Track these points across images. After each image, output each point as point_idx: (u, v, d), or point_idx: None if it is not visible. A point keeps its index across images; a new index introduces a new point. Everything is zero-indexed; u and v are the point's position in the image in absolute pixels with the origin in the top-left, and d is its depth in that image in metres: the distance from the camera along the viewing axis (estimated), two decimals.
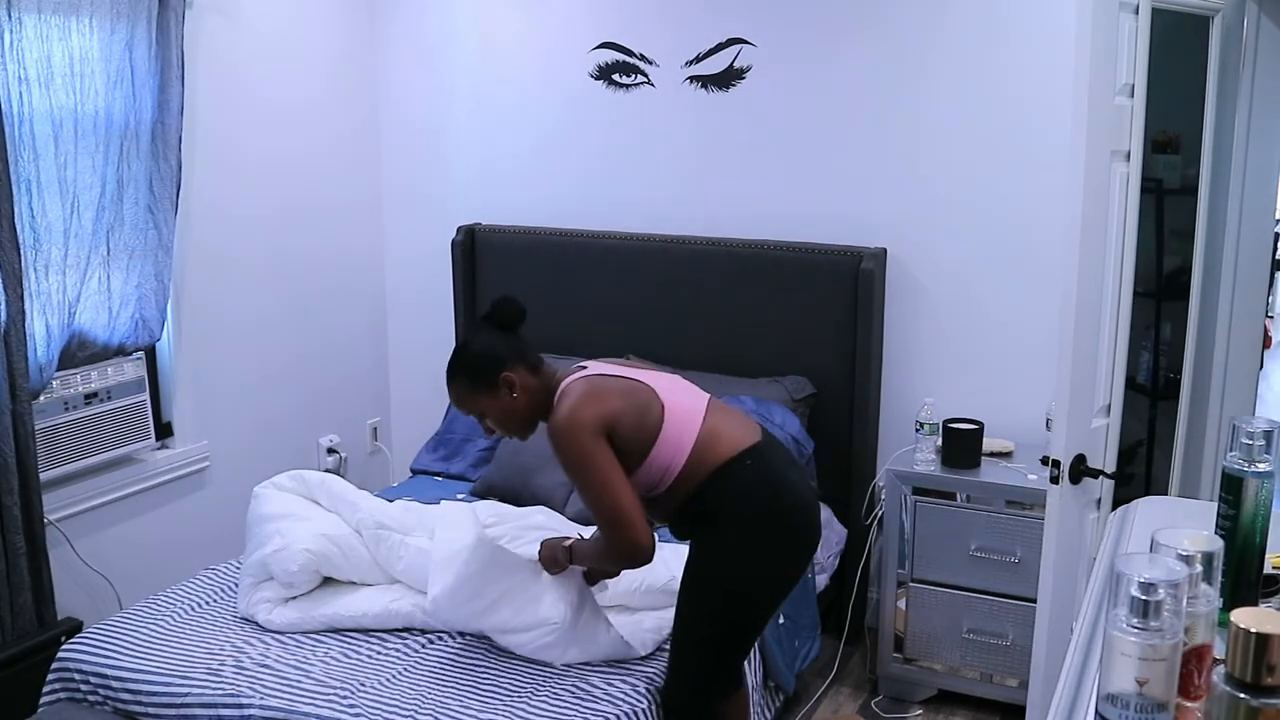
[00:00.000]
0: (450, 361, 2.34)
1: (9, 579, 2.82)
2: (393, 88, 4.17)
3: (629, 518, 2.17)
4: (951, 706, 3.28)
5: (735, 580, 2.31)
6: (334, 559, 2.73)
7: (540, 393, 2.31)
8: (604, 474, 2.18)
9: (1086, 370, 2.41)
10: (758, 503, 2.28)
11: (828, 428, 3.53)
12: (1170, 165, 3.50)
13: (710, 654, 2.36)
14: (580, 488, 2.22)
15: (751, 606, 2.35)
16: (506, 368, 2.28)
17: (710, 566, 2.31)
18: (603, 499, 2.18)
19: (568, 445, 2.19)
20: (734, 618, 2.35)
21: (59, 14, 2.85)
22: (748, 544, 2.28)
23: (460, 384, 2.32)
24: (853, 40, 3.48)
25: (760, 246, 3.60)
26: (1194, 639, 1.08)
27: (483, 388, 2.29)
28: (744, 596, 2.33)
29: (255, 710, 2.31)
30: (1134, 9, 2.40)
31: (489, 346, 2.31)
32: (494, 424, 2.34)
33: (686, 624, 2.35)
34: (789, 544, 2.35)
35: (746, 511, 2.28)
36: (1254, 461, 1.34)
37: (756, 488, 2.28)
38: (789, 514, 2.32)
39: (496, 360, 2.29)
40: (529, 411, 2.32)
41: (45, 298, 2.92)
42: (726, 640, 2.37)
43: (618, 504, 2.17)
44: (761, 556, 2.30)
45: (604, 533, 2.23)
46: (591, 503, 2.21)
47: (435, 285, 4.18)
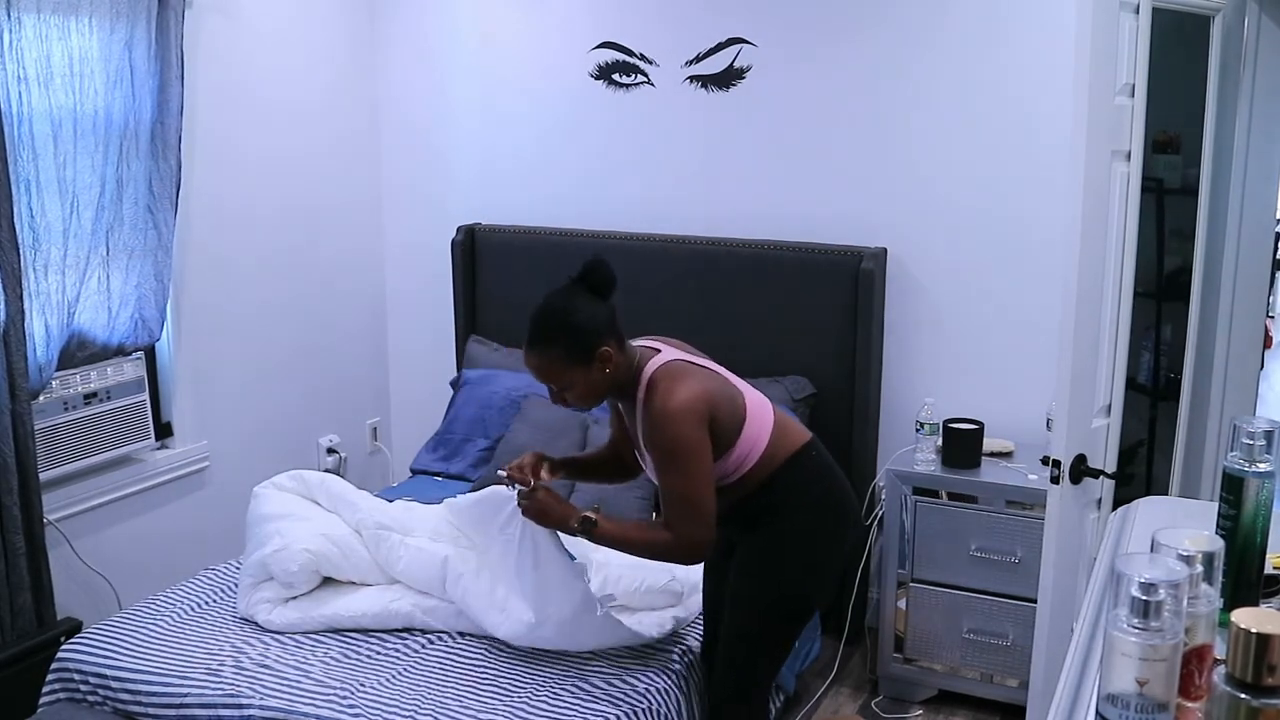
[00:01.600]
0: (543, 327, 2.17)
1: (9, 579, 2.82)
2: (393, 87, 4.17)
3: (707, 514, 2.15)
4: (951, 707, 3.28)
5: (800, 570, 2.32)
6: (334, 559, 2.73)
7: (624, 368, 2.22)
8: (701, 465, 2.14)
9: (1087, 370, 2.41)
10: (822, 492, 2.32)
11: (828, 428, 3.51)
12: (1170, 165, 3.49)
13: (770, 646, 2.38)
14: (668, 472, 2.15)
15: (810, 595, 2.37)
16: (604, 341, 2.17)
17: (777, 557, 2.30)
18: (690, 490, 2.14)
19: (675, 430, 2.12)
20: (795, 607, 2.36)
21: (58, 14, 2.85)
22: (813, 533, 2.30)
23: (554, 353, 2.16)
24: (853, 40, 3.48)
25: (760, 246, 3.60)
26: (1194, 639, 1.08)
27: (578, 360, 2.16)
28: (807, 585, 2.35)
29: (255, 710, 2.31)
30: (1134, 9, 2.40)
31: (591, 317, 2.17)
32: (574, 397, 2.21)
33: (750, 616, 2.34)
34: (846, 532, 2.38)
35: (813, 501, 2.30)
36: (1255, 461, 1.34)
37: (821, 478, 2.33)
38: (847, 503, 2.38)
39: (598, 333, 2.16)
40: (611, 387, 2.23)
41: (45, 298, 2.92)
42: (786, 632, 2.39)
43: (703, 498, 2.14)
44: (823, 544, 2.33)
45: (675, 524, 2.16)
46: (676, 491, 2.15)
47: (435, 285, 4.18)
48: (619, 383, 2.24)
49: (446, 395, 3.93)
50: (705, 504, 2.15)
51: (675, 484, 2.16)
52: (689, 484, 2.14)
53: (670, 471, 2.16)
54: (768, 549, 2.31)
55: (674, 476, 2.15)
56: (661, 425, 2.14)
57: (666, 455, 2.15)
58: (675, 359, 2.26)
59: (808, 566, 2.34)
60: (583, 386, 2.20)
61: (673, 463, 2.15)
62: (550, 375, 2.20)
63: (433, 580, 2.68)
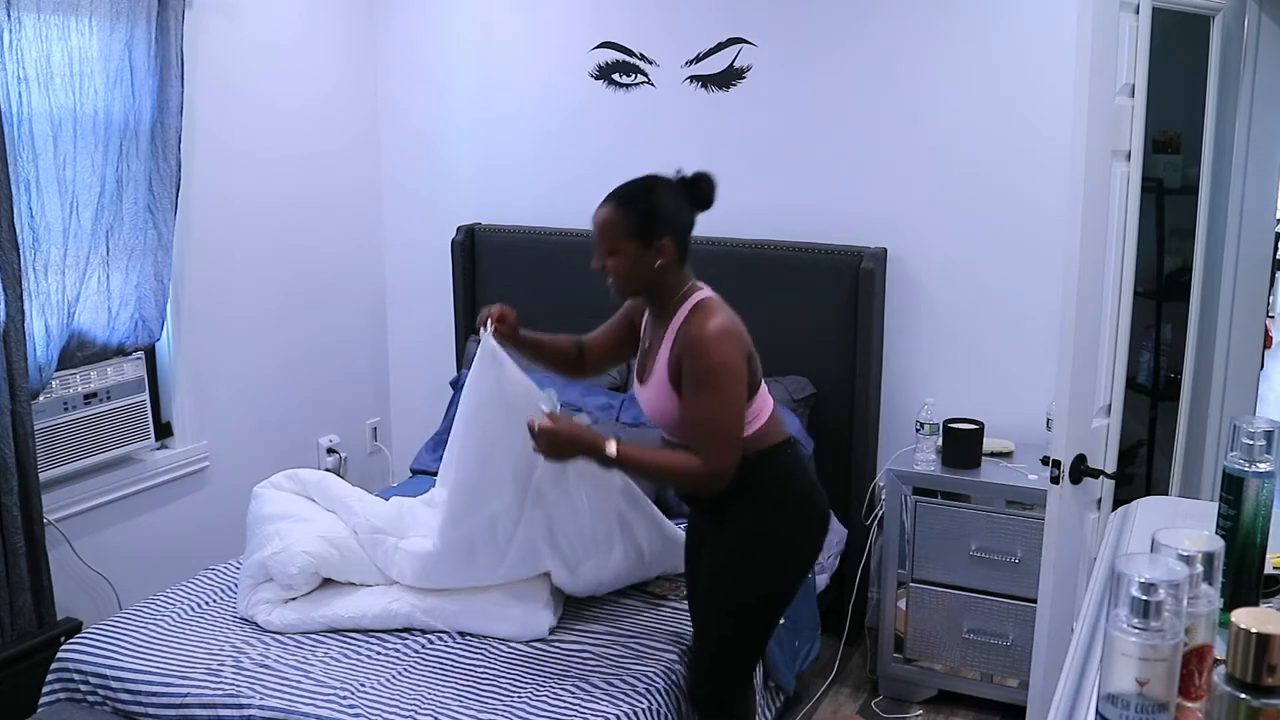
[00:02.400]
0: (628, 191, 2.23)
1: (9, 579, 2.82)
2: (393, 87, 4.17)
3: (734, 439, 2.15)
4: (952, 707, 3.28)
5: (769, 569, 2.31)
6: (333, 561, 2.73)
7: (670, 280, 2.25)
8: (738, 391, 2.15)
9: (1087, 370, 2.41)
10: (795, 488, 2.32)
11: (828, 428, 3.52)
12: (1170, 165, 3.49)
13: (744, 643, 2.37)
14: (704, 395, 2.14)
15: (782, 592, 2.36)
16: (667, 236, 2.21)
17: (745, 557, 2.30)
18: (722, 412, 2.13)
19: (718, 351, 2.13)
20: (767, 605, 2.36)
21: (58, 14, 2.85)
22: (781, 531, 2.29)
23: (626, 217, 2.20)
24: (853, 40, 3.48)
25: (760, 246, 3.60)
26: (1195, 639, 1.08)
27: (638, 236, 2.20)
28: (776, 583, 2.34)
29: (255, 710, 2.31)
30: (1134, 9, 2.40)
31: (674, 210, 2.22)
32: (616, 267, 2.22)
33: (722, 610, 2.34)
34: (818, 527, 2.38)
35: (785, 495, 2.30)
36: (1255, 461, 1.34)
37: (796, 474, 2.34)
38: (819, 501, 2.38)
39: (668, 223, 2.20)
40: (651, 284, 2.25)
41: (44, 298, 2.92)
42: (760, 625, 2.38)
43: (732, 422, 2.15)
44: (792, 543, 2.32)
45: (702, 448, 2.15)
46: (706, 413, 2.14)
47: (435, 284, 4.18)
48: (660, 289, 2.26)
49: (446, 395, 3.93)
50: (734, 429, 2.16)
51: (711, 408, 2.14)
52: (725, 408, 2.14)
53: (707, 394, 2.14)
54: (736, 549, 2.30)
55: (710, 400, 2.13)
56: (706, 346, 2.13)
57: (706, 376, 2.13)
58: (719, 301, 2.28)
59: (776, 566, 2.32)
60: (629, 263, 2.21)
61: (712, 385, 2.13)
62: (610, 235, 2.22)
63: (431, 574, 2.67)
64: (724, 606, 2.34)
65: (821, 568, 3.34)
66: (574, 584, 2.70)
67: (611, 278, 2.25)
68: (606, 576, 2.72)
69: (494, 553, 2.60)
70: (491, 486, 2.52)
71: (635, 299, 2.34)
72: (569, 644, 2.59)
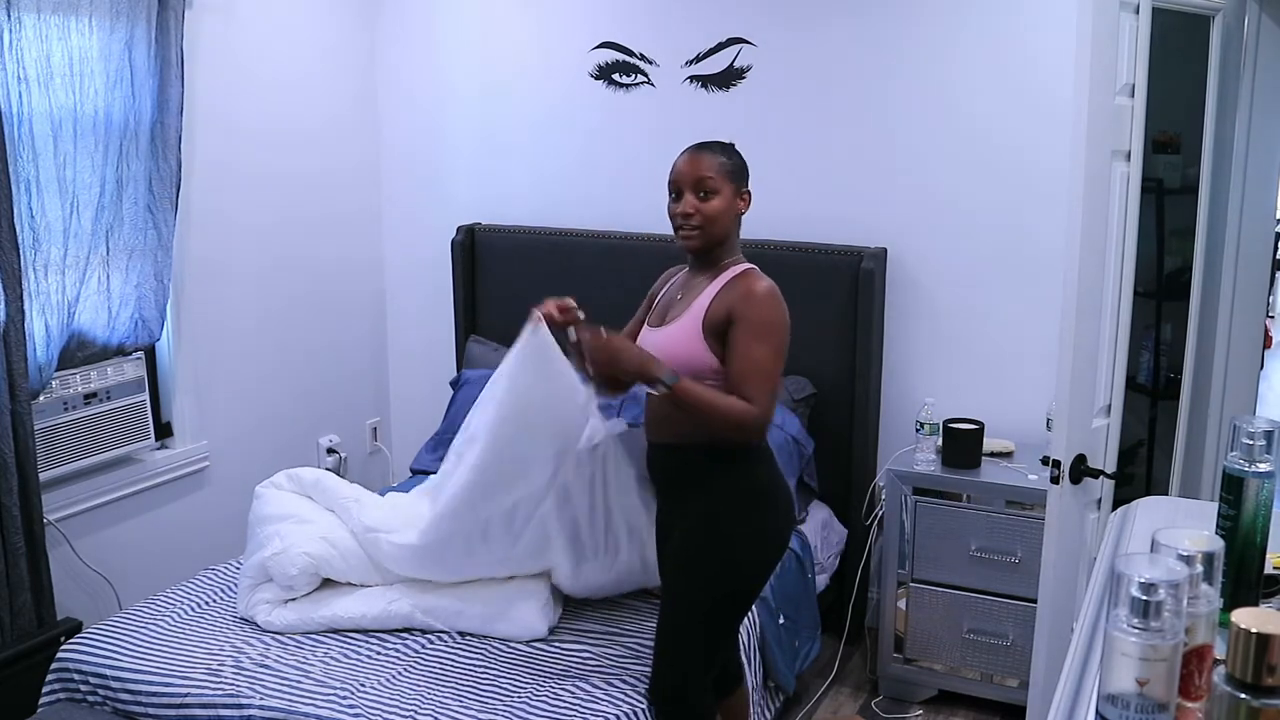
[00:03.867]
0: (725, 145, 2.38)
1: (9, 579, 2.82)
2: (393, 88, 4.17)
3: (774, 394, 2.22)
4: (952, 707, 3.28)
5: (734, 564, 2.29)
6: (333, 563, 2.72)
7: (735, 236, 2.37)
8: (783, 350, 2.23)
9: (1087, 370, 2.41)
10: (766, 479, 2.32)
11: (828, 428, 3.52)
12: (1170, 165, 3.49)
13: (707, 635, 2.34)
14: (758, 342, 2.19)
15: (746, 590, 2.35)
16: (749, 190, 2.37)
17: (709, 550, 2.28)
18: (774, 364, 2.21)
19: (777, 309, 2.23)
20: (731, 595, 2.34)
21: (58, 14, 2.85)
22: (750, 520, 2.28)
23: (728, 161, 2.33)
24: (853, 40, 3.48)
25: (760, 246, 3.58)
26: (1195, 639, 1.08)
27: (738, 180, 2.34)
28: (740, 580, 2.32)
29: (255, 710, 2.31)
30: (1134, 9, 2.40)
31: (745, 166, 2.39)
32: (711, 209, 2.29)
33: (683, 604, 2.32)
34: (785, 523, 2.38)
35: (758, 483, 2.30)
36: (1255, 461, 1.34)
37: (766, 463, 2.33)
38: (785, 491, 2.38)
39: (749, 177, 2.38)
40: (727, 233, 2.33)
41: (44, 298, 2.92)
42: (723, 620, 2.36)
43: (776, 377, 2.22)
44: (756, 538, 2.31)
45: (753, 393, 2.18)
46: (760, 362, 2.19)
47: (435, 285, 4.18)
48: (726, 241, 2.34)
49: (446, 395, 3.93)
50: (776, 383, 2.23)
51: (763, 356, 2.19)
52: (776, 361, 2.21)
53: (761, 344, 2.20)
54: (702, 541, 2.28)
55: (765, 350, 2.20)
56: (768, 302, 2.23)
57: (764, 328, 2.21)
58: None
59: (742, 560, 2.31)
60: (724, 204, 2.30)
61: (768, 336, 2.20)
62: (713, 176, 2.30)
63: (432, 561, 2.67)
64: (685, 595, 2.32)
65: (821, 568, 3.34)
66: (574, 584, 2.70)
67: (701, 221, 2.29)
68: (607, 580, 2.72)
69: (507, 539, 2.60)
70: (520, 475, 2.54)
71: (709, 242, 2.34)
72: (569, 644, 2.60)
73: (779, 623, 2.92)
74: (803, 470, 3.36)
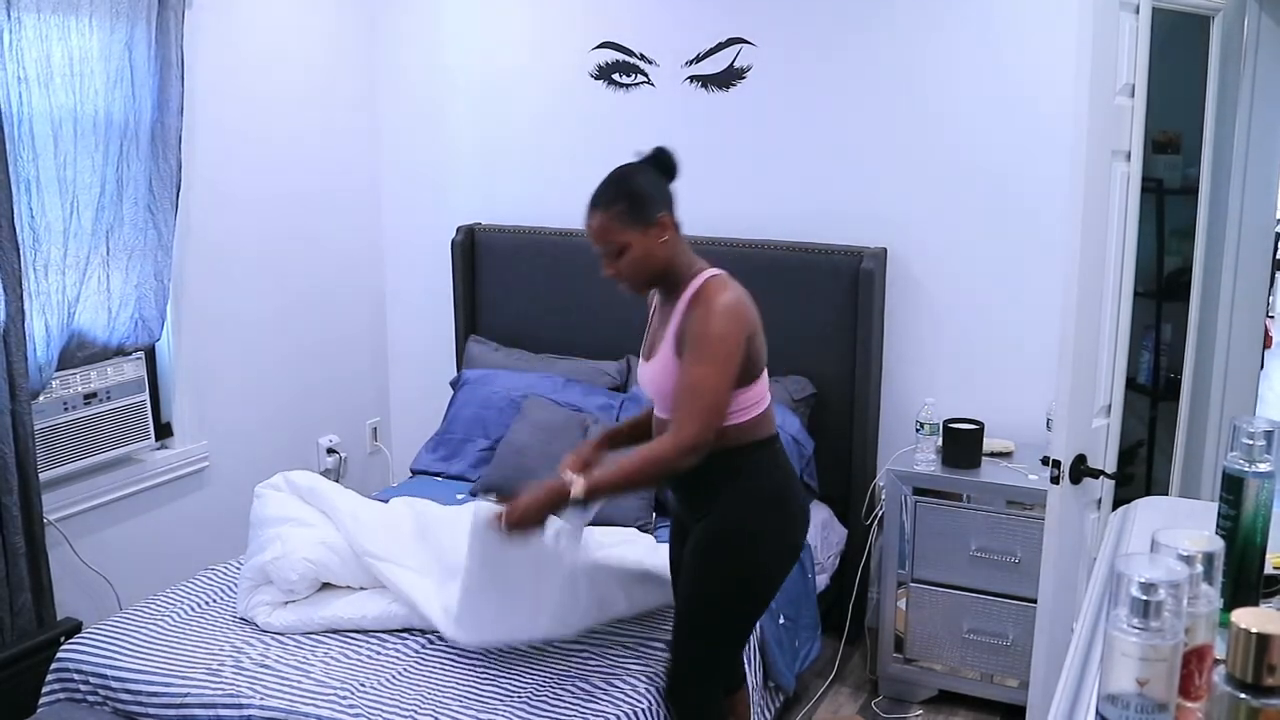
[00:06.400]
0: (605, 189, 2.23)
1: (9, 579, 2.82)
2: (393, 88, 4.17)
3: (714, 412, 2.13)
4: (952, 707, 3.28)
5: (749, 565, 2.30)
6: (333, 567, 2.72)
7: (678, 254, 2.24)
8: (730, 367, 2.13)
9: (1087, 370, 2.41)
10: (777, 485, 2.31)
11: (828, 428, 3.52)
12: (1170, 165, 3.49)
13: (720, 638, 2.35)
14: (698, 360, 2.12)
15: (760, 592, 2.35)
16: (664, 210, 2.21)
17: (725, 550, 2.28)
18: (707, 381, 2.11)
19: (718, 322, 2.12)
20: (745, 600, 2.34)
21: (58, 13, 2.85)
22: (760, 528, 2.28)
23: (616, 211, 2.19)
24: (853, 40, 3.48)
25: (760, 246, 3.60)
26: (1195, 639, 1.08)
27: (639, 221, 2.19)
28: (755, 581, 2.32)
29: (255, 710, 2.31)
30: (1134, 9, 2.40)
31: (655, 185, 2.23)
32: (630, 263, 2.21)
33: (698, 607, 2.32)
34: (799, 526, 2.37)
35: (768, 492, 2.29)
36: (1254, 462, 1.34)
37: (778, 470, 2.32)
38: (799, 498, 2.37)
39: (659, 200, 2.21)
40: (663, 265, 2.23)
41: (45, 298, 2.92)
42: (736, 624, 2.36)
43: (717, 399, 2.12)
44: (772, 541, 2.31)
45: (687, 419, 2.11)
46: (692, 379, 2.11)
47: (435, 285, 4.18)
48: (672, 269, 2.24)
49: (446, 395, 3.93)
50: (721, 403, 2.14)
51: (702, 373, 2.11)
52: (711, 378, 2.11)
53: (701, 359, 2.12)
54: (717, 542, 2.29)
55: (704, 365, 2.12)
56: (709, 315, 2.13)
57: (704, 342, 2.13)
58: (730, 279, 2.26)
59: (755, 563, 2.31)
60: (639, 251, 2.20)
61: (708, 352, 2.12)
62: (611, 234, 2.21)
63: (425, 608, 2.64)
64: (701, 600, 2.32)
65: (821, 568, 3.34)
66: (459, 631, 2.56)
67: (628, 275, 2.24)
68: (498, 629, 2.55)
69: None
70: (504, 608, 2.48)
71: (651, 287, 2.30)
72: (569, 644, 2.59)
73: (779, 623, 2.92)
74: (803, 470, 3.36)
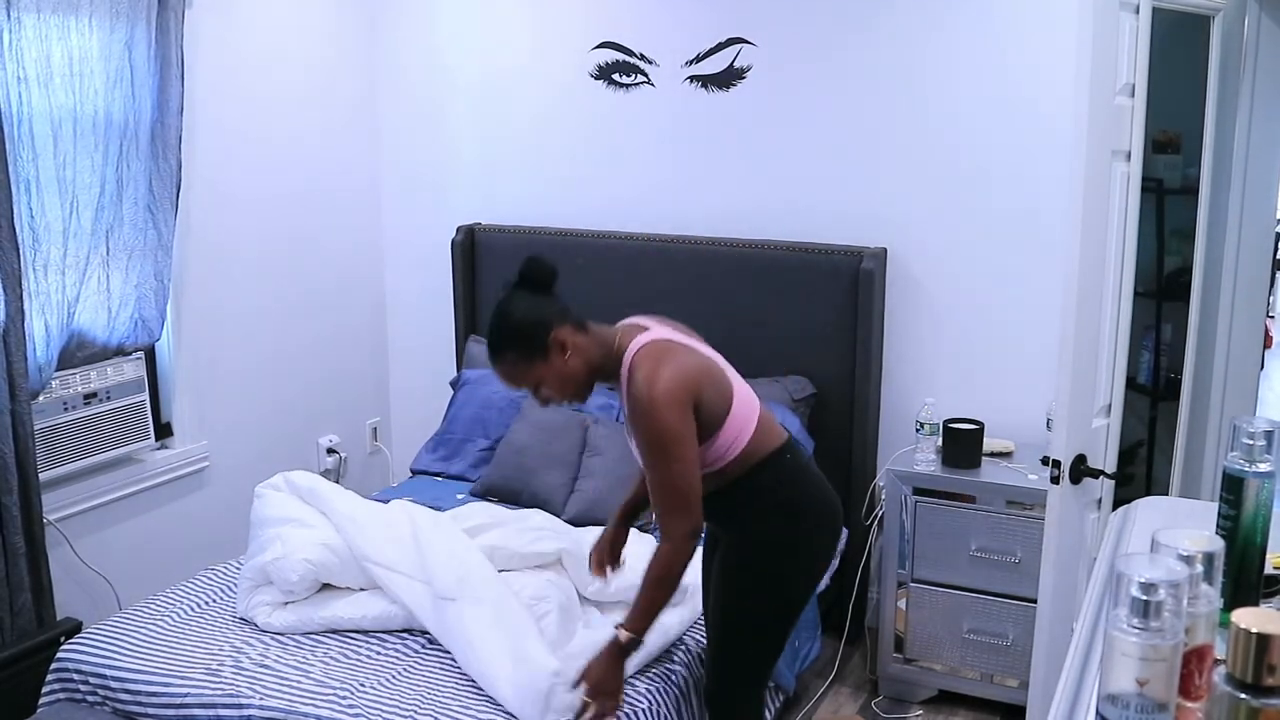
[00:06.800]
0: (491, 336, 2.19)
1: (8, 579, 2.82)
2: (393, 88, 4.17)
3: (695, 502, 2.11)
4: (952, 707, 3.28)
5: (780, 575, 2.29)
6: (333, 569, 2.71)
7: (594, 352, 2.19)
8: (685, 451, 2.08)
9: (1087, 370, 2.41)
10: (797, 496, 2.29)
11: (828, 428, 3.52)
12: (1170, 165, 3.49)
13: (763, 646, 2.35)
14: (655, 463, 2.10)
15: (794, 599, 2.34)
16: (554, 329, 2.14)
17: (755, 563, 2.28)
18: (677, 481, 2.09)
19: (657, 416, 2.06)
20: (784, 606, 2.34)
21: (58, 13, 2.85)
22: (788, 538, 2.27)
23: (508, 358, 2.16)
24: (853, 40, 3.48)
25: (760, 246, 3.60)
26: (1195, 639, 1.08)
27: (535, 355, 2.14)
28: (787, 589, 2.32)
29: (255, 710, 2.31)
30: (1134, 9, 2.40)
31: (531, 310, 2.16)
32: (550, 392, 2.18)
33: (736, 617, 2.32)
34: (823, 536, 2.36)
35: (788, 505, 2.27)
36: (1255, 462, 1.34)
37: (795, 481, 2.30)
38: (825, 507, 2.34)
39: (543, 323, 2.14)
40: (586, 373, 2.19)
41: (44, 298, 2.92)
42: (773, 631, 2.35)
43: (690, 487, 2.10)
44: (801, 550, 2.30)
45: (668, 517, 2.11)
46: (662, 482, 2.10)
47: (435, 285, 4.18)
48: (598, 367, 2.19)
49: (446, 395, 3.93)
50: (693, 494, 2.11)
51: (662, 474, 2.10)
52: (678, 475, 2.09)
53: (656, 461, 2.10)
54: (746, 554, 2.29)
55: (660, 466, 2.10)
56: (644, 410, 2.08)
57: (651, 443, 2.09)
58: (661, 338, 2.20)
59: (787, 574, 2.30)
60: (553, 379, 2.17)
61: (658, 451, 2.09)
62: (518, 379, 2.19)
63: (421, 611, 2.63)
64: (735, 612, 2.32)
65: None
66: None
67: (559, 398, 2.22)
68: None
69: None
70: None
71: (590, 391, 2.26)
72: None
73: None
74: None
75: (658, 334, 2.21)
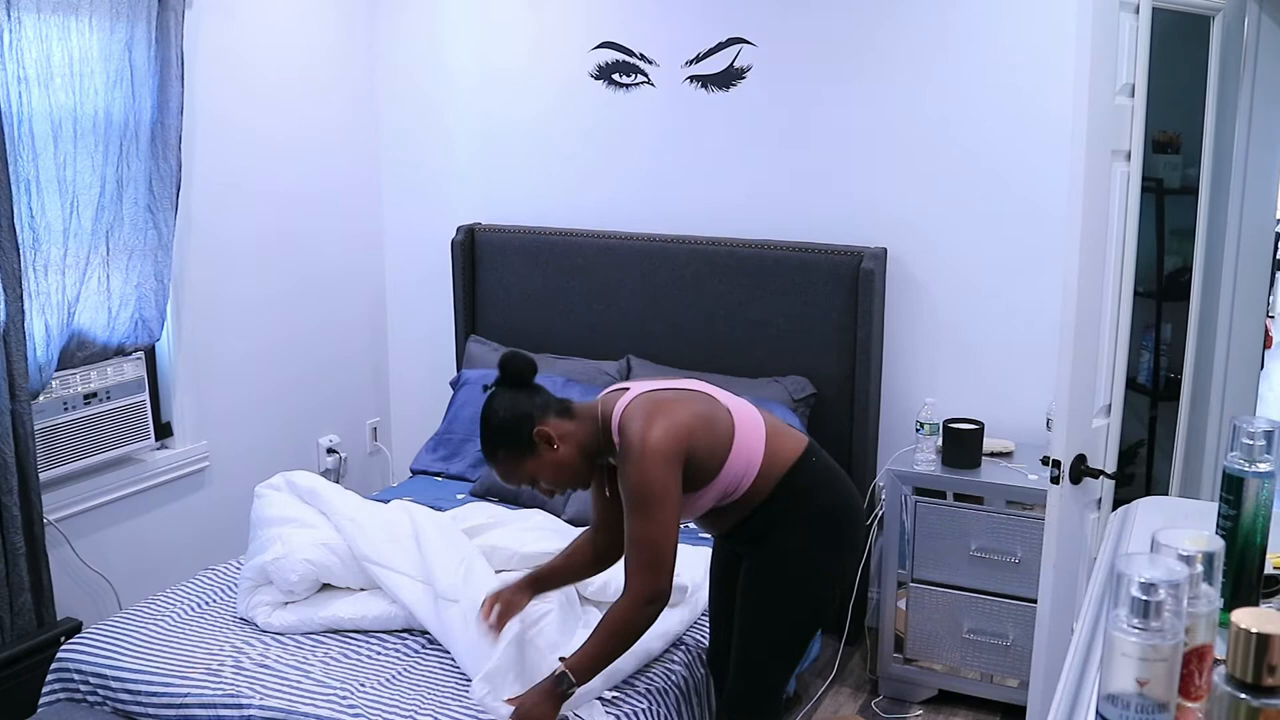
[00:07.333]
0: (482, 440, 2.21)
1: (9, 579, 2.82)
2: (393, 89, 4.17)
3: (666, 562, 2.10)
4: (952, 707, 3.28)
5: (810, 582, 2.28)
6: (334, 569, 2.71)
7: (584, 434, 2.20)
8: (666, 511, 2.09)
9: (1087, 370, 2.41)
10: (827, 500, 2.28)
11: (828, 428, 3.52)
12: (1170, 165, 3.50)
13: (783, 655, 2.34)
14: (638, 518, 2.09)
15: (824, 602, 2.33)
16: (537, 423, 2.16)
17: (786, 572, 2.27)
18: (657, 539, 2.09)
19: (646, 468, 2.08)
20: (807, 617, 2.33)
21: (59, 13, 2.85)
22: (819, 545, 2.26)
23: (500, 457, 2.19)
24: (853, 41, 3.48)
25: (760, 246, 3.60)
26: (1195, 639, 1.08)
27: (524, 452, 2.17)
28: (817, 596, 2.31)
29: (255, 710, 2.31)
30: (1134, 9, 2.40)
31: (511, 408, 2.17)
32: (551, 481, 2.21)
33: (762, 629, 2.30)
34: (856, 534, 2.35)
35: (818, 511, 2.26)
36: (1255, 462, 1.34)
37: (825, 485, 2.29)
38: (852, 509, 2.34)
39: (525, 419, 2.16)
40: (580, 457, 2.20)
41: (44, 298, 2.92)
42: (799, 640, 2.35)
43: (668, 547, 2.10)
44: (831, 555, 2.29)
45: (637, 573, 2.11)
46: (641, 538, 2.09)
47: (435, 285, 4.18)
48: (591, 447, 2.21)
49: (446, 395, 3.93)
50: (667, 552, 2.11)
51: (643, 530, 2.10)
52: (659, 532, 2.09)
53: (636, 514, 2.10)
54: (776, 564, 2.28)
55: (638, 520, 2.10)
56: (635, 460, 2.09)
57: (634, 497, 2.10)
58: (643, 393, 2.21)
59: (817, 579, 2.29)
60: (548, 471, 2.19)
61: (641, 507, 2.09)
62: (514, 476, 2.22)
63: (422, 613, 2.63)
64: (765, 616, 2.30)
65: None
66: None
67: (562, 485, 2.24)
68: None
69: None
70: None
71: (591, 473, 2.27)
72: None
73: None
74: None
75: (638, 390, 2.23)
